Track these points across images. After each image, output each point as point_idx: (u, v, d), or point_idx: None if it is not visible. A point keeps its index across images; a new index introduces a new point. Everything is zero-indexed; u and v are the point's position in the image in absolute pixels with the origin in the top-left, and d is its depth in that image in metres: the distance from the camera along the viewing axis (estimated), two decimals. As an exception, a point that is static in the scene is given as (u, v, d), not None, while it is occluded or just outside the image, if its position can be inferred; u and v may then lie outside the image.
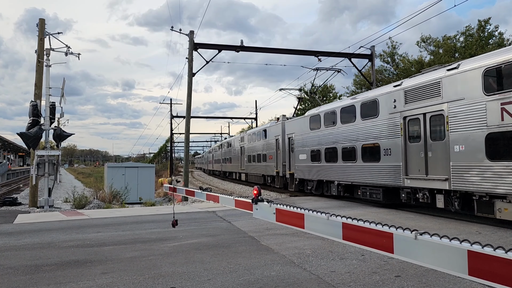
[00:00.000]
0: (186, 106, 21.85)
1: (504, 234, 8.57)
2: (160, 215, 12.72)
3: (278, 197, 19.51)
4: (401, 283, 5.36)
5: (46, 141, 16.68)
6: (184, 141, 22.74)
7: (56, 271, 6.19)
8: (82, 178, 59.70)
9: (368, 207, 13.77)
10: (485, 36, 33.01)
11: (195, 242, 8.26)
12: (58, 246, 8.08)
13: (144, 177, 26.52)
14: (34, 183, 16.70)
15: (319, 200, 16.86)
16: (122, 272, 6.07)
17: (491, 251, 2.46)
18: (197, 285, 5.42)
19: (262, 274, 5.86)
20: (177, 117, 54.49)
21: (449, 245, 2.69)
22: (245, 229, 9.62)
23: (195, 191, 7.78)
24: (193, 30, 21.18)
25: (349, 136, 15.16)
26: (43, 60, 16.88)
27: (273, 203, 4.76)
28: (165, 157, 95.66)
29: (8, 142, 70.37)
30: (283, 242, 8.03)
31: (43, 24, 17.22)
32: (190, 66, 21.18)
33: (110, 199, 19.55)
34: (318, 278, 5.65)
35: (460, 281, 5.26)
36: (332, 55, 23.24)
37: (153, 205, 20.06)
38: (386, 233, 3.12)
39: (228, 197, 6.20)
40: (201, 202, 14.93)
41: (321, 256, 6.87)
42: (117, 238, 8.92)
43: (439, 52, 34.81)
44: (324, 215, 3.79)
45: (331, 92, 51.53)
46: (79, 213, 14.04)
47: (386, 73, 39.57)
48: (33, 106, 16.58)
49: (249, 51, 22.57)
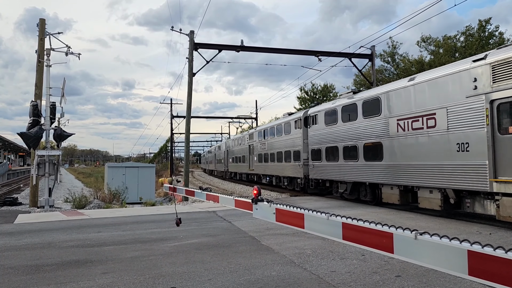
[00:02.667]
0: (187, 106, 21.86)
1: (504, 234, 8.57)
2: (161, 215, 12.72)
3: (278, 197, 19.52)
4: (402, 283, 5.36)
5: (47, 141, 16.69)
6: (185, 141, 22.75)
7: (56, 271, 6.20)
8: (82, 178, 59.73)
9: (369, 207, 13.76)
10: (486, 36, 33.02)
11: (196, 242, 8.26)
12: (59, 246, 8.08)
13: (145, 177, 26.53)
14: (35, 183, 16.71)
15: (319, 200, 16.87)
16: (122, 272, 6.08)
17: (491, 251, 2.46)
18: (198, 285, 5.42)
19: (263, 274, 5.86)
20: (177, 117, 54.55)
21: (449, 245, 2.69)
22: (245, 229, 9.62)
23: (195, 191, 7.79)
24: (193, 30, 21.19)
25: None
26: (43, 60, 16.88)
27: (273, 203, 4.77)
28: (165, 157, 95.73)
29: (8, 142, 70.42)
30: (283, 242, 8.03)
31: (43, 24, 17.23)
32: (190, 66, 21.19)
33: (110, 199, 19.56)
34: (319, 278, 5.65)
35: (460, 281, 5.26)
36: (332, 55, 23.24)
37: (153, 205, 20.07)
38: (386, 233, 3.12)
39: (228, 197, 6.20)
40: (202, 202, 14.93)
41: (321, 256, 6.87)
42: (118, 238, 8.92)
43: (439, 52, 34.81)
44: (324, 215, 3.79)
45: (331, 92, 51.60)
46: (80, 213, 14.04)
47: (386, 73, 39.59)
48: (33, 106, 16.59)
49: (249, 51, 22.57)
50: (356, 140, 14.61)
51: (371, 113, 13.78)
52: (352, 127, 14.84)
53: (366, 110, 14.08)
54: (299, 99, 53.83)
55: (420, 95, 11.50)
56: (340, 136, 15.72)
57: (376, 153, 13.43)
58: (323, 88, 53.15)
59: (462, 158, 10.07)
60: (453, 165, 10.33)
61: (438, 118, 10.84)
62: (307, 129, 18.86)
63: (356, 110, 14.69)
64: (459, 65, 10.53)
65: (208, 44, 22.13)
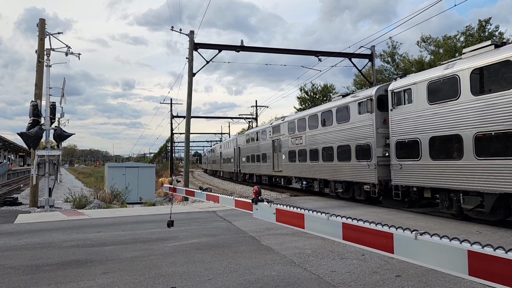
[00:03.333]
0: (187, 106, 21.85)
1: (504, 234, 8.57)
2: (161, 215, 12.72)
3: (278, 197, 19.52)
4: (401, 283, 5.36)
5: (47, 141, 16.68)
6: (185, 141, 22.75)
7: (56, 271, 6.20)
8: (82, 178, 59.71)
9: (369, 207, 13.76)
10: (486, 36, 33.02)
11: (196, 242, 8.26)
12: (59, 246, 8.08)
13: (145, 177, 26.54)
14: (35, 183, 16.71)
15: (319, 200, 16.86)
16: (122, 272, 6.08)
17: (491, 251, 2.46)
18: (198, 285, 5.42)
19: (263, 274, 5.86)
20: (177, 117, 54.54)
21: (450, 245, 2.69)
22: (245, 229, 9.62)
23: (195, 191, 7.78)
24: (193, 30, 21.19)
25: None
26: (43, 60, 16.88)
27: (273, 203, 4.77)
28: (165, 157, 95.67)
29: (8, 142, 70.43)
30: (283, 242, 8.03)
31: (43, 24, 17.23)
32: (190, 66, 21.19)
33: (110, 199, 19.56)
34: (319, 278, 5.65)
35: (460, 281, 5.26)
36: (332, 55, 23.23)
37: (153, 205, 20.06)
38: (387, 233, 3.12)
39: (228, 197, 6.20)
40: (201, 202, 14.93)
41: (321, 256, 6.87)
42: (118, 238, 8.92)
43: (439, 52, 34.83)
44: (324, 215, 3.79)
45: (331, 92, 51.60)
46: (80, 213, 14.04)
47: (386, 73, 39.61)
48: (33, 106, 16.59)
49: (249, 51, 22.56)
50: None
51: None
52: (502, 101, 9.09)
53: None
54: (299, 99, 53.89)
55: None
56: (466, 118, 10.01)
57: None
58: (323, 88, 53.21)
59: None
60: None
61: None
62: (385, 113, 13.60)
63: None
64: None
65: (208, 44, 22.12)
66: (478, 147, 9.65)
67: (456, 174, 10.29)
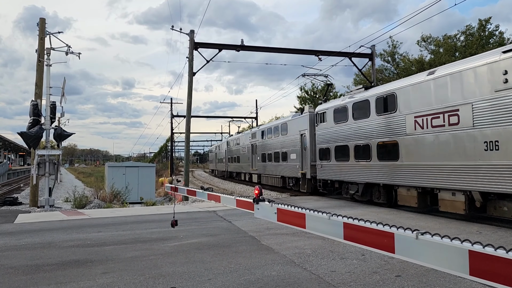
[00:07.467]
0: (187, 105, 21.84)
1: (505, 233, 8.57)
2: (161, 215, 12.72)
3: (279, 197, 19.53)
4: (402, 283, 5.36)
5: (47, 140, 16.69)
6: (185, 141, 22.74)
7: (56, 271, 6.20)
8: (82, 178, 59.73)
9: (369, 207, 13.76)
10: (486, 35, 33.02)
11: (196, 241, 8.26)
12: (59, 246, 8.08)
13: (145, 177, 26.55)
14: (35, 183, 16.71)
15: (319, 200, 16.88)
16: (122, 272, 6.08)
17: (492, 251, 2.45)
18: (198, 284, 5.42)
19: (263, 274, 5.86)
20: (177, 117, 54.47)
21: (450, 245, 2.68)
22: (245, 228, 9.62)
23: (197, 191, 7.77)
24: (194, 30, 21.15)
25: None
26: (43, 60, 16.88)
27: (274, 202, 4.76)
28: (165, 157, 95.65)
29: (8, 142, 70.46)
30: (283, 242, 8.03)
31: (43, 24, 17.22)
32: (190, 66, 21.17)
33: (110, 198, 19.57)
34: (319, 278, 5.65)
35: (461, 281, 5.26)
36: (332, 54, 23.21)
37: (153, 204, 20.08)
38: (388, 233, 3.11)
39: (229, 197, 6.19)
40: (202, 201, 14.93)
41: (321, 256, 6.87)
42: (118, 237, 8.92)
43: (440, 52, 34.82)
44: (325, 215, 3.78)
45: (331, 92, 51.52)
46: (80, 212, 14.04)
47: (386, 72, 39.59)
48: (33, 105, 16.59)
49: (249, 50, 22.53)
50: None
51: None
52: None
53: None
54: (299, 98, 53.84)
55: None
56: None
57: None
58: (323, 87, 53.10)
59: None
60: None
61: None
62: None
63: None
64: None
65: (208, 44, 22.10)
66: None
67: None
